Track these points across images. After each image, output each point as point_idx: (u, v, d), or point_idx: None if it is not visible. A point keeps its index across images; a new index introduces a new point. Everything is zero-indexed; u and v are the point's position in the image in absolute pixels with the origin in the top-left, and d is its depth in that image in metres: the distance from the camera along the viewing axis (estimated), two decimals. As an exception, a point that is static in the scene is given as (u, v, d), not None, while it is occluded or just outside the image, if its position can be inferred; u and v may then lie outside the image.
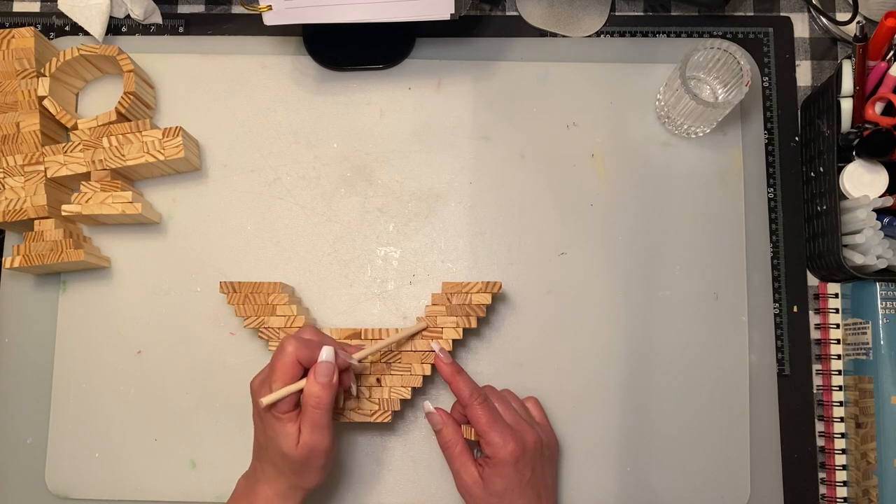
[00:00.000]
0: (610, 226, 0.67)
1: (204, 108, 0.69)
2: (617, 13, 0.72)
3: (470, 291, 0.61)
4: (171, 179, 0.68)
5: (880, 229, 0.61)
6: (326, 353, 0.54)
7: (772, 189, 0.68)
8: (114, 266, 0.67)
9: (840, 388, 0.64)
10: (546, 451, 0.59)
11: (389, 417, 0.60)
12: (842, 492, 0.63)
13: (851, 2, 0.66)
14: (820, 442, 0.65)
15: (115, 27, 0.71)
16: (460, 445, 0.58)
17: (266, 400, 0.53)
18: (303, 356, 0.54)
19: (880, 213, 0.62)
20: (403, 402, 0.61)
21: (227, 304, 0.62)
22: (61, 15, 0.70)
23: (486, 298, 0.61)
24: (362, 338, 0.61)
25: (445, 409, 0.60)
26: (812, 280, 0.68)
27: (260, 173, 0.68)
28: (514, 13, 0.71)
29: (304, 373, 0.54)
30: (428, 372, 0.60)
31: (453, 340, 0.61)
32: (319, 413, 0.53)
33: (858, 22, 0.63)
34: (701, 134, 0.67)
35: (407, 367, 0.60)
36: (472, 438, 0.58)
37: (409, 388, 0.60)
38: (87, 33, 0.69)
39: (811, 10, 0.71)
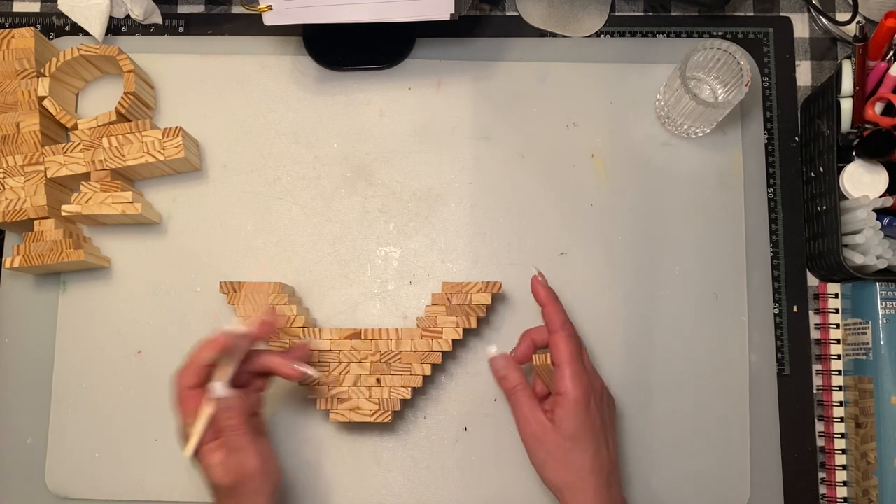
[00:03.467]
0: (610, 226, 0.67)
1: (204, 108, 0.69)
2: (617, 13, 0.72)
3: (470, 291, 0.61)
4: (171, 179, 0.68)
5: (880, 229, 0.61)
6: (218, 381, 0.52)
7: (772, 189, 0.68)
8: (114, 266, 0.67)
9: (840, 388, 0.64)
10: (610, 404, 0.58)
11: (389, 417, 0.60)
12: (842, 492, 0.63)
13: (851, 2, 0.66)
14: (820, 442, 0.65)
15: (115, 27, 0.71)
16: (529, 390, 0.56)
17: (188, 451, 0.52)
18: (191, 382, 0.52)
19: (880, 213, 0.62)
20: (404, 402, 0.61)
21: (228, 304, 0.62)
22: (61, 15, 0.70)
23: (486, 298, 0.61)
24: (362, 338, 0.61)
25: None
26: (812, 280, 0.68)
27: (260, 173, 0.68)
28: (514, 13, 0.71)
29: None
30: (428, 372, 0.60)
31: (453, 341, 0.61)
32: (232, 433, 0.52)
33: (858, 22, 0.63)
34: (701, 134, 0.67)
35: (407, 368, 0.60)
36: (538, 364, 0.57)
37: (409, 389, 0.60)
38: (87, 33, 0.69)
39: (811, 10, 0.71)
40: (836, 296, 0.66)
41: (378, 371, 0.60)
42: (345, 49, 0.69)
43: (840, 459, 0.63)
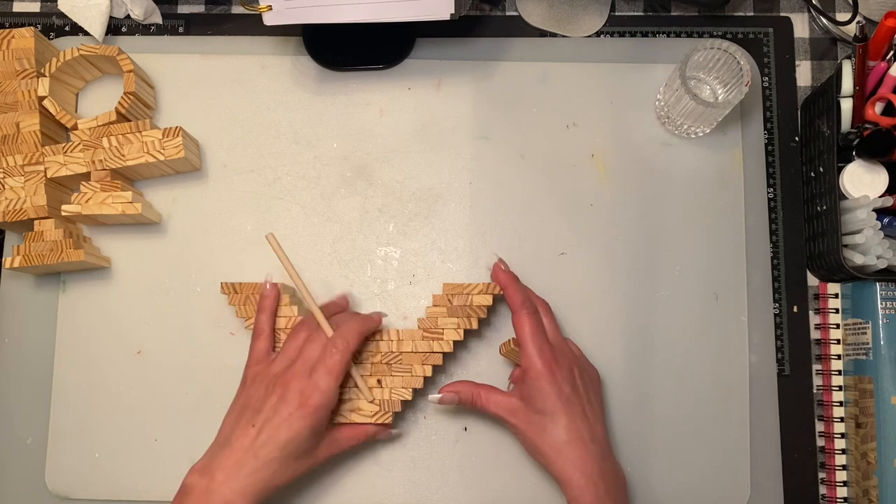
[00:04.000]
0: (610, 226, 0.67)
1: (204, 108, 0.69)
2: (617, 13, 0.72)
3: (471, 293, 0.61)
4: (171, 179, 0.68)
5: (880, 229, 0.61)
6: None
7: (772, 189, 0.68)
8: (114, 266, 0.67)
9: (840, 388, 0.64)
10: (585, 375, 0.59)
11: (390, 419, 0.60)
12: (842, 492, 0.63)
13: (851, 2, 0.66)
14: (820, 442, 0.65)
15: (115, 27, 0.71)
16: (483, 388, 0.58)
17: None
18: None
19: (880, 213, 0.62)
20: (404, 403, 0.61)
21: (229, 304, 0.62)
22: (61, 15, 0.70)
23: (487, 300, 0.61)
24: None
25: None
26: (812, 280, 0.68)
27: (260, 173, 0.68)
28: (514, 13, 0.71)
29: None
30: (429, 373, 0.60)
31: (454, 342, 0.61)
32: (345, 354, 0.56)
33: (858, 22, 0.63)
34: (701, 134, 0.67)
35: (408, 368, 0.60)
36: (505, 351, 0.61)
37: (410, 390, 0.60)
38: (87, 33, 0.69)
39: (811, 10, 0.71)
40: (836, 296, 0.66)
41: (379, 372, 0.60)
42: (345, 49, 0.69)
43: (840, 459, 0.63)
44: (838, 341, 0.65)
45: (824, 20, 0.70)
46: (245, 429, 0.54)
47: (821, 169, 0.65)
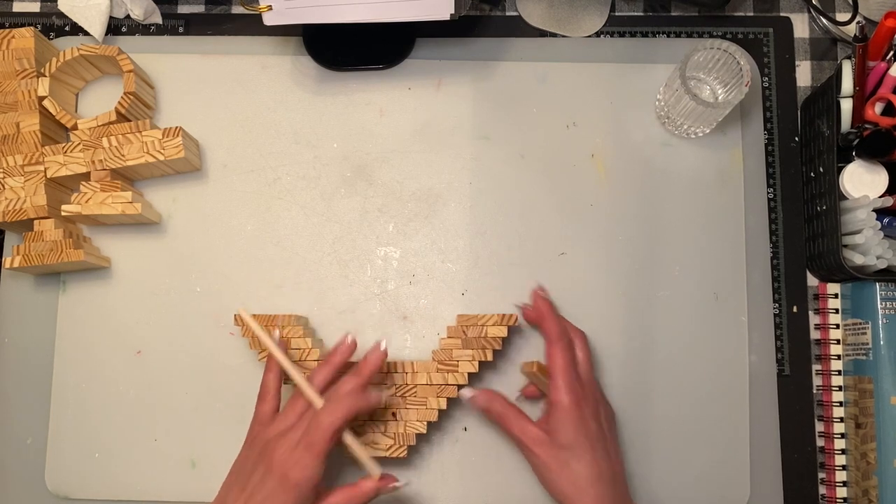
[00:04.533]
0: (610, 226, 0.67)
1: (204, 108, 0.69)
2: (617, 13, 0.72)
3: (485, 324, 0.60)
4: (171, 179, 0.68)
5: (880, 229, 0.61)
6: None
7: (772, 189, 0.68)
8: (114, 266, 0.67)
9: (840, 388, 0.64)
10: (609, 416, 0.59)
11: (405, 453, 0.59)
12: (842, 492, 0.63)
13: (851, 2, 0.66)
14: (820, 442, 0.65)
15: (115, 27, 0.71)
16: (515, 409, 0.57)
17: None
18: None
19: (880, 213, 0.62)
20: (418, 436, 0.60)
21: (242, 336, 0.61)
22: (61, 15, 0.70)
23: (502, 331, 0.60)
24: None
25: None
26: (812, 280, 0.68)
27: (260, 173, 0.68)
28: (514, 13, 0.71)
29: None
30: (444, 406, 0.60)
31: (469, 373, 0.60)
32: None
33: (858, 22, 0.63)
34: (701, 134, 0.67)
35: (423, 401, 0.60)
36: (527, 371, 0.60)
37: (425, 423, 0.60)
38: (87, 33, 0.69)
39: (811, 10, 0.71)
40: (835, 296, 0.66)
41: (393, 405, 0.60)
42: (345, 49, 0.69)
43: (840, 459, 0.63)
44: (838, 341, 0.65)
45: (824, 20, 0.70)
46: (237, 497, 0.53)
47: (821, 169, 0.65)
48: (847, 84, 0.62)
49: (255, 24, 0.71)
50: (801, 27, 0.71)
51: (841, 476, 0.63)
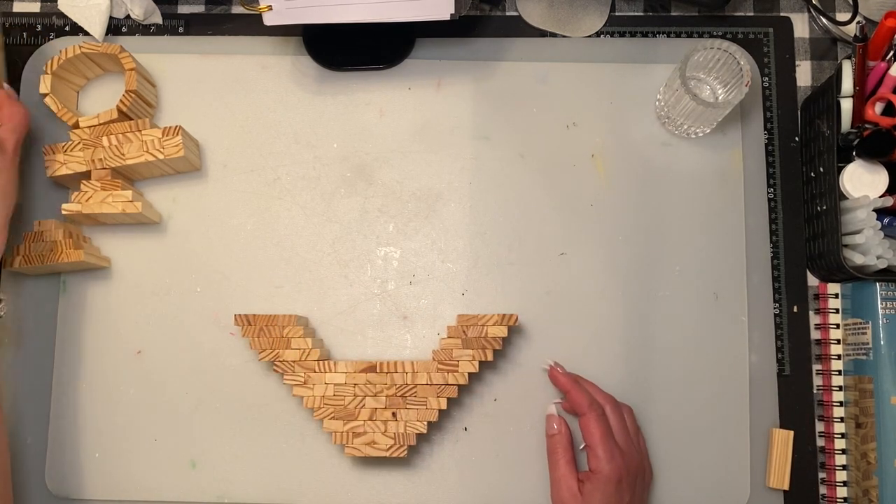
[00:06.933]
0: (610, 226, 0.67)
1: (204, 108, 0.69)
2: (617, 13, 0.72)
3: (486, 324, 0.60)
4: (171, 179, 0.68)
5: (880, 229, 0.61)
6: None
7: (772, 189, 0.68)
8: (114, 266, 0.67)
9: (840, 388, 0.64)
10: (648, 482, 0.60)
11: (405, 452, 0.59)
12: (842, 492, 0.63)
13: (851, 2, 0.66)
14: (820, 442, 0.65)
15: (115, 27, 0.71)
16: (568, 456, 0.59)
17: None
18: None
19: (880, 213, 0.62)
20: (419, 436, 0.60)
21: (242, 336, 0.61)
22: (61, 15, 0.70)
23: (503, 331, 0.60)
24: (377, 371, 0.60)
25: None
26: (812, 280, 0.68)
27: (260, 173, 0.68)
28: (514, 13, 0.71)
29: None
30: (444, 406, 0.60)
31: (469, 373, 0.60)
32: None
33: (858, 22, 0.63)
34: (701, 134, 0.67)
35: (423, 401, 0.60)
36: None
37: (425, 423, 0.60)
38: (87, 33, 0.69)
39: (811, 10, 0.71)
40: (836, 296, 0.66)
41: (394, 405, 0.60)
42: (345, 49, 0.69)
43: (840, 459, 0.63)
44: (838, 341, 0.65)
45: (824, 20, 0.70)
46: None
47: (821, 169, 0.65)
48: (847, 84, 0.62)
49: (255, 24, 0.71)
50: (802, 27, 0.71)
51: (841, 476, 0.63)
